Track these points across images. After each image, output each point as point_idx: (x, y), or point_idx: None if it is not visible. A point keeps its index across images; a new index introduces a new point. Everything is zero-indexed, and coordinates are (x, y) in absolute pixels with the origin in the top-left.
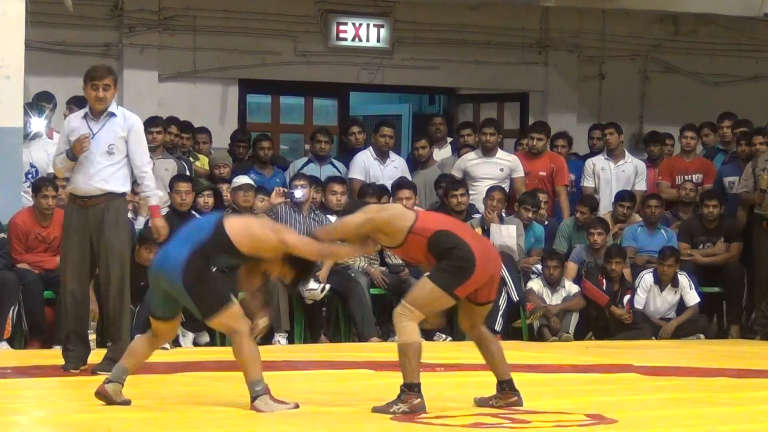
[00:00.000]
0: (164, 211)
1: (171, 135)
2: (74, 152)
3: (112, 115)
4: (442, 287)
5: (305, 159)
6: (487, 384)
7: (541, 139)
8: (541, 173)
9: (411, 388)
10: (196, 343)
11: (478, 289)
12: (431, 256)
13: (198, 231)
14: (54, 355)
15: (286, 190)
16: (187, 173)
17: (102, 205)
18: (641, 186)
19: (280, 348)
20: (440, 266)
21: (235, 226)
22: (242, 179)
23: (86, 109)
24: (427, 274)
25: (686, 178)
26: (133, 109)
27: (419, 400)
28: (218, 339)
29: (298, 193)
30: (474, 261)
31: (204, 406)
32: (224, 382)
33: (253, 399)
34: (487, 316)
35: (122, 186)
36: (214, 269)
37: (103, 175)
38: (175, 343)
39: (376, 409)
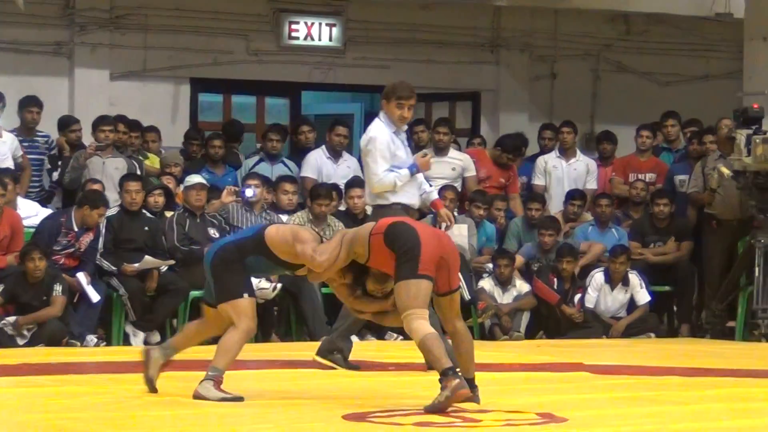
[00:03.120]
0: (114, 210)
1: (119, 133)
2: (420, 169)
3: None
4: (407, 277)
5: (257, 158)
6: (437, 383)
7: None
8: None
9: (446, 374)
10: (147, 342)
11: (438, 277)
12: (391, 251)
13: (248, 230)
14: (6, 355)
15: (237, 189)
16: (138, 172)
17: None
18: (592, 185)
19: None
20: (396, 263)
21: (274, 230)
22: (195, 178)
23: (389, 123)
24: (396, 278)
25: (639, 177)
26: (85, 107)
27: (458, 380)
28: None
29: (249, 192)
30: (417, 238)
31: (156, 405)
32: (176, 381)
33: (200, 381)
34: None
35: None
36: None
37: None
38: (126, 342)
39: (427, 409)
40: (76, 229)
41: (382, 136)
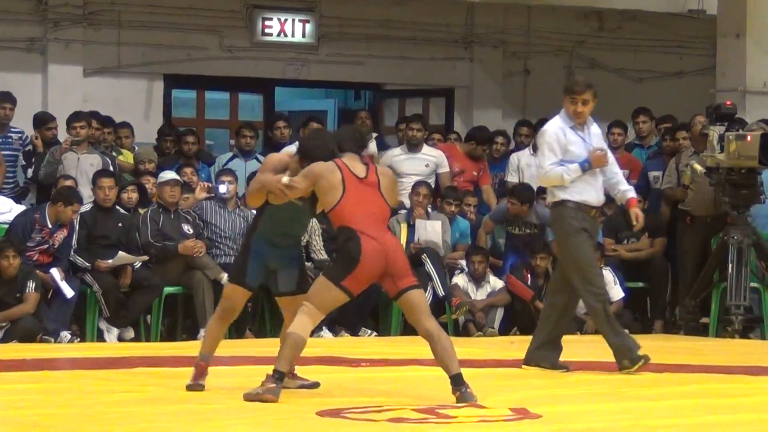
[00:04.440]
0: (88, 206)
1: (93, 129)
2: (593, 165)
3: (591, 122)
4: (331, 279)
5: (230, 154)
6: (411, 379)
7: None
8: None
9: (275, 374)
10: (121, 339)
11: (383, 285)
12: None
13: None
14: None
15: (210, 185)
16: (111, 168)
17: (596, 212)
18: None
19: None
20: (333, 258)
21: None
22: (168, 174)
23: (566, 118)
24: (323, 270)
25: None
26: (58, 104)
27: (274, 386)
28: (143, 334)
29: (223, 189)
30: (359, 255)
31: (132, 402)
32: (148, 378)
33: None
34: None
35: None
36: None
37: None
38: (100, 338)
39: (246, 396)
40: (49, 226)
41: (551, 129)
